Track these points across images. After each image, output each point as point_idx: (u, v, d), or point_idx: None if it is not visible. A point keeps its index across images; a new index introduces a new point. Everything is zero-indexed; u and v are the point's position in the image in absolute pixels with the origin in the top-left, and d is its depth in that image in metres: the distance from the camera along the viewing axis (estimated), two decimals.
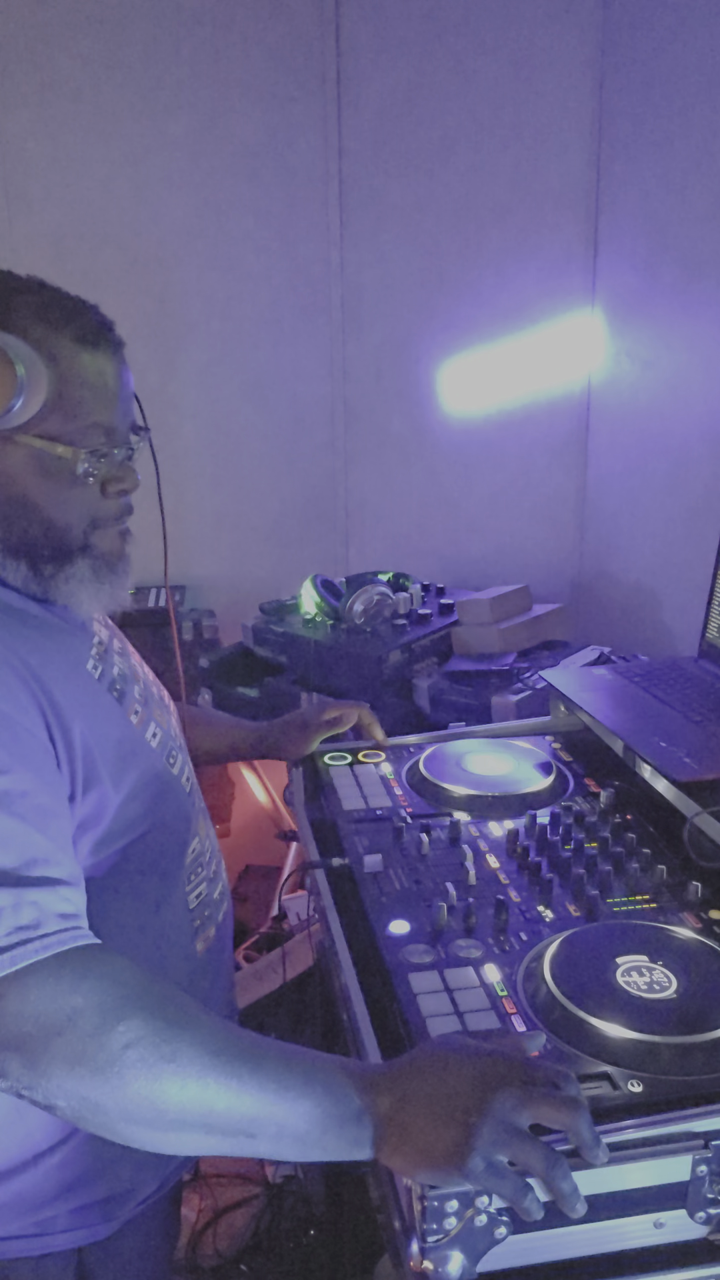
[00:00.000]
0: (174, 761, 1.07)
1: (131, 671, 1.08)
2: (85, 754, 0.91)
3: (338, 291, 2.65)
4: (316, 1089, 0.75)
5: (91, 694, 0.96)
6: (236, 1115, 0.75)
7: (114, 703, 0.99)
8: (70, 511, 0.94)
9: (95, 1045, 0.74)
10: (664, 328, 2.25)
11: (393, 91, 2.51)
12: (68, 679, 0.93)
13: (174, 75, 2.47)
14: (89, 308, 0.97)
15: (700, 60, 2.02)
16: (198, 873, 1.08)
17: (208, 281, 2.61)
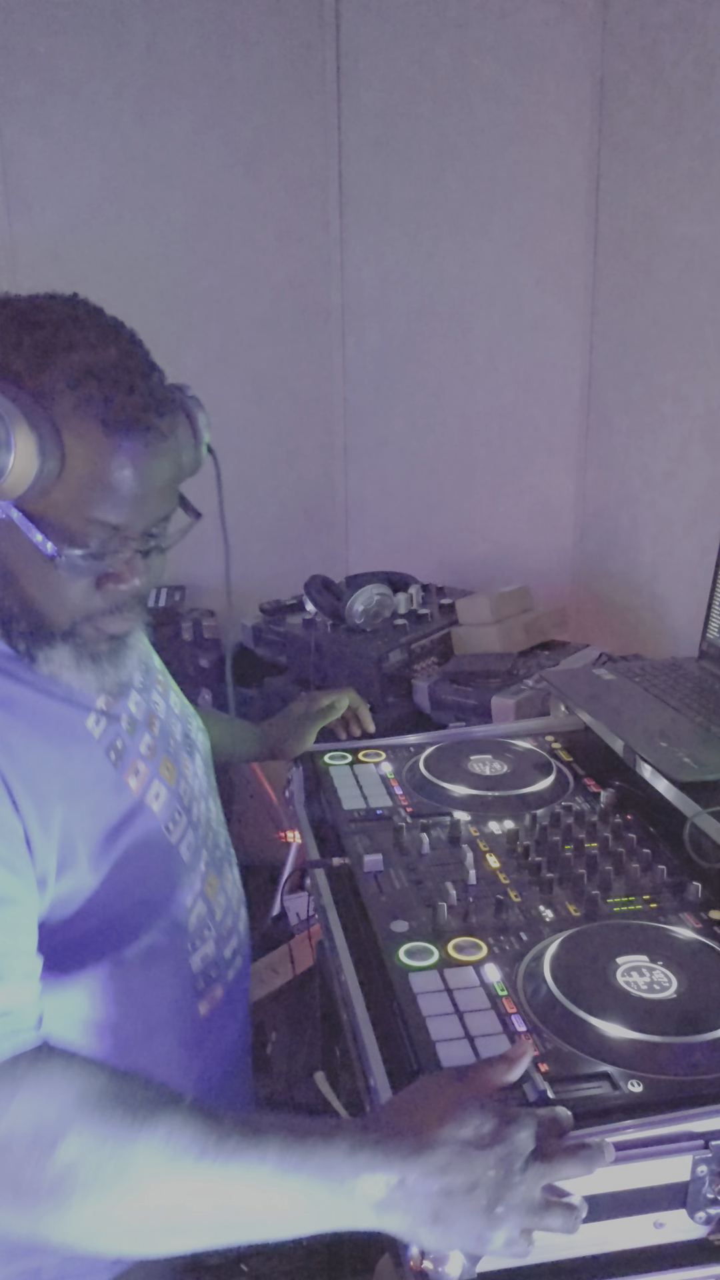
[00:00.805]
0: (176, 824, 0.98)
1: (148, 714, 1.00)
2: (64, 837, 0.84)
3: (338, 291, 2.65)
4: (302, 1181, 0.67)
5: (84, 762, 0.89)
6: (205, 1218, 0.68)
7: (109, 768, 0.91)
8: (51, 599, 0.84)
9: (31, 1174, 0.66)
10: (664, 328, 2.25)
11: (393, 91, 2.51)
12: (54, 750, 0.86)
13: (174, 75, 2.47)
14: (146, 382, 0.84)
15: (700, 60, 2.02)
16: (203, 935, 1.00)
17: (208, 282, 2.61)
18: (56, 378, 0.79)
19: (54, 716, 0.88)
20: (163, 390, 0.86)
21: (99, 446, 0.80)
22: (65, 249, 2.51)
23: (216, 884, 1.04)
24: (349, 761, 1.45)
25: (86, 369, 0.80)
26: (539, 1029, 0.86)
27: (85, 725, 0.91)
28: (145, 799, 0.94)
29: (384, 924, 1.02)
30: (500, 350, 2.65)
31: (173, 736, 1.04)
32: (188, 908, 0.98)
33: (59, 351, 0.80)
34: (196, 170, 2.54)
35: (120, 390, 0.81)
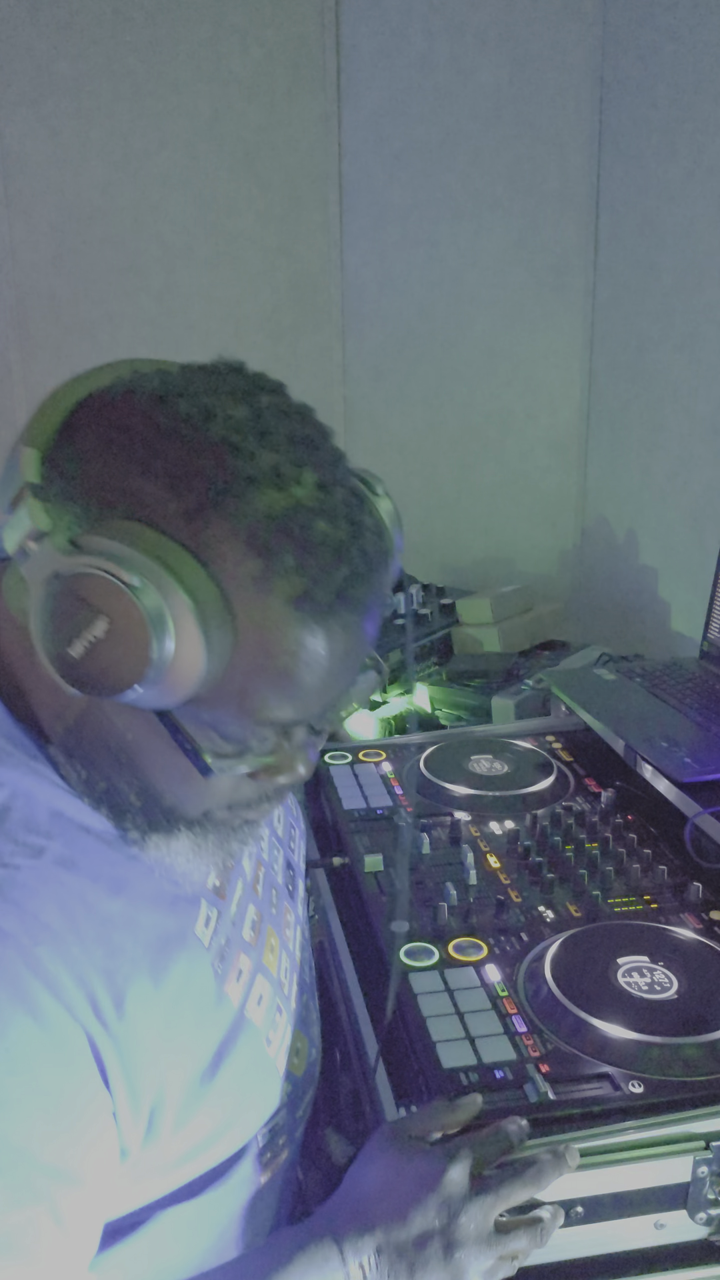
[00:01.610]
0: (276, 1027, 0.79)
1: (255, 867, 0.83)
2: (156, 1102, 0.67)
3: (338, 292, 2.64)
4: None
5: (186, 985, 0.70)
6: None
7: (212, 982, 0.73)
8: (187, 796, 0.66)
9: None
10: (663, 328, 2.25)
11: (393, 91, 2.51)
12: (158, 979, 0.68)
13: (174, 75, 2.47)
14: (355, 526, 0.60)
15: (701, 59, 2.02)
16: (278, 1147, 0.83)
17: (208, 282, 2.61)
18: (230, 531, 0.56)
19: (161, 927, 0.70)
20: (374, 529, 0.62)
21: (286, 634, 0.58)
22: (65, 249, 2.50)
23: (304, 1046, 0.85)
24: (349, 761, 1.45)
25: (275, 518, 0.56)
26: (540, 1029, 0.86)
27: (195, 931, 0.72)
28: (246, 1009, 0.75)
29: (384, 924, 1.02)
30: (500, 350, 2.65)
31: (275, 884, 0.86)
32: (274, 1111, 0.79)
33: (235, 486, 0.56)
34: (196, 170, 2.54)
35: (324, 551, 0.58)
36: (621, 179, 2.38)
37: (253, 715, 0.60)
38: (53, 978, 0.61)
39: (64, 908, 0.63)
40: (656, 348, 2.29)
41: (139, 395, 0.59)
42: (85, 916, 0.64)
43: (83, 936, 0.63)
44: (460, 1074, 0.81)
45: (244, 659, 0.57)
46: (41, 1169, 0.59)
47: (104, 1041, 0.63)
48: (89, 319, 2.55)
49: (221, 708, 0.59)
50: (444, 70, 2.48)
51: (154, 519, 0.56)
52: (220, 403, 0.59)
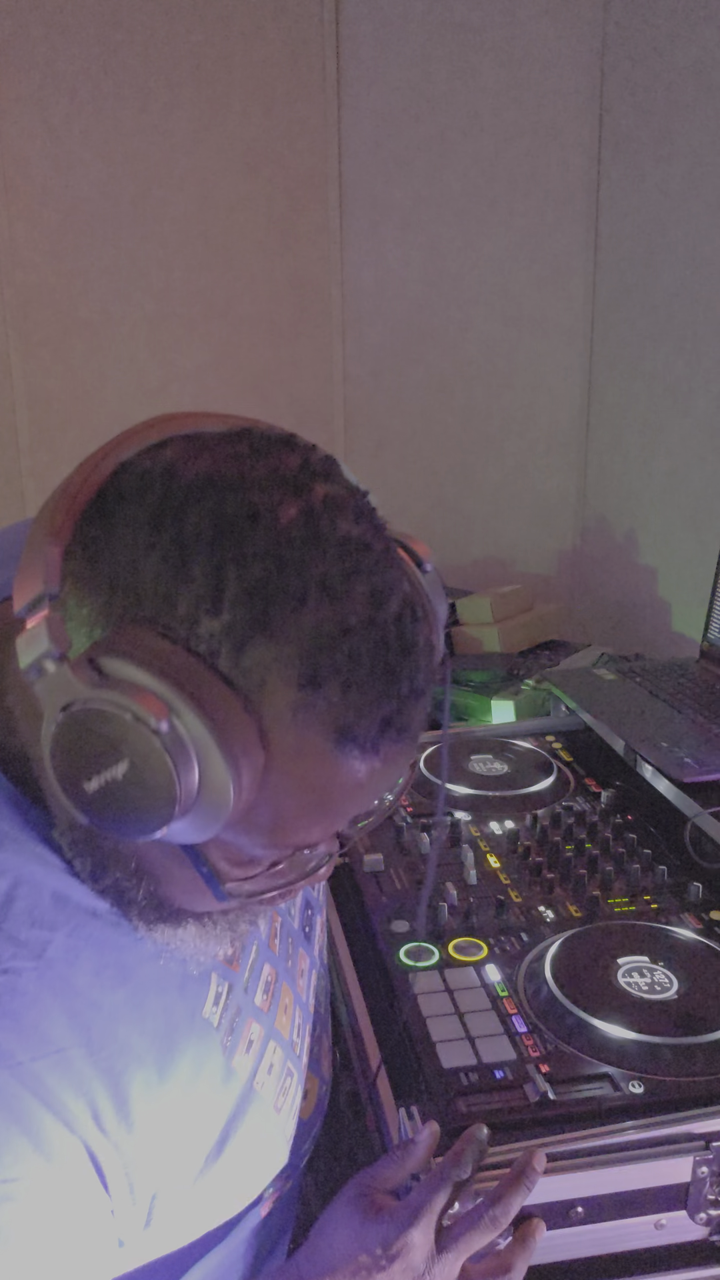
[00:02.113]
0: (285, 1092, 0.76)
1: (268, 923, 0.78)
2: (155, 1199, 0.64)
3: (338, 292, 2.64)
4: None
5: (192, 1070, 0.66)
6: None
7: (220, 1060, 0.69)
8: (200, 901, 0.61)
9: None
10: (663, 328, 2.25)
11: (393, 91, 2.51)
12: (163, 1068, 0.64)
13: (174, 75, 2.47)
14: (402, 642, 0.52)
15: (701, 59, 2.02)
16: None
17: (208, 282, 2.61)
18: (272, 657, 0.49)
19: (168, 1013, 0.66)
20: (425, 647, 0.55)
21: (325, 767, 0.52)
22: (65, 249, 2.50)
23: (315, 1087, 0.82)
24: None
25: (322, 644, 0.50)
26: (540, 1029, 0.86)
27: (204, 1013, 0.68)
28: (255, 1080, 0.72)
29: (384, 925, 1.02)
30: (500, 350, 2.65)
31: (291, 932, 0.81)
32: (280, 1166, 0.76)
33: (280, 605, 0.49)
34: (196, 170, 2.54)
35: (374, 682, 0.51)
36: (621, 179, 2.38)
37: (280, 843, 0.56)
38: (52, 1095, 0.58)
39: (67, 1011, 0.60)
40: (656, 348, 2.29)
41: (178, 482, 0.51)
42: (89, 1016, 0.61)
43: (87, 1039, 0.60)
44: (460, 1074, 0.81)
45: (276, 793, 0.51)
46: None
47: (104, 1149, 0.60)
48: (89, 319, 2.55)
49: (246, 835, 0.54)
50: (444, 70, 2.48)
51: (187, 637, 0.49)
52: (269, 499, 0.51)
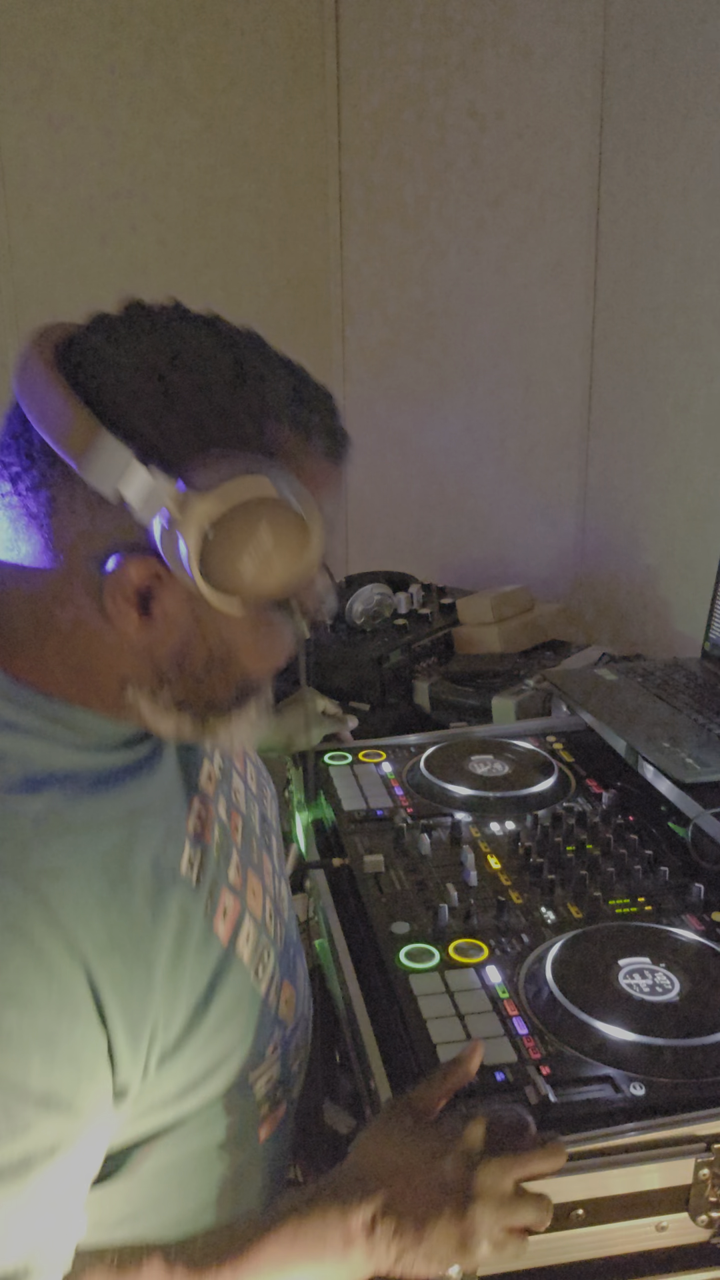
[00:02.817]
0: (264, 965, 0.82)
1: (230, 813, 0.86)
2: (152, 1033, 0.69)
3: (338, 291, 2.64)
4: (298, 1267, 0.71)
5: (178, 923, 0.72)
6: None
7: (201, 919, 0.75)
8: (268, 666, 0.75)
9: None
10: (664, 327, 2.25)
11: (393, 89, 2.50)
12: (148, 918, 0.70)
13: (174, 74, 2.47)
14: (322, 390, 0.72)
15: (701, 58, 2.02)
16: (271, 1058, 0.82)
17: (208, 281, 2.61)
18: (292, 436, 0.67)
19: (155, 866, 0.72)
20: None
21: (330, 483, 0.71)
22: (65, 248, 2.50)
23: (292, 996, 0.86)
24: (349, 761, 1.44)
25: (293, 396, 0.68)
26: (541, 1031, 0.85)
27: (180, 871, 0.75)
28: (236, 945, 0.78)
29: (384, 926, 1.02)
30: (501, 349, 2.65)
31: (254, 834, 0.89)
32: (265, 1051, 0.80)
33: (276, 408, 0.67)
34: (196, 169, 2.54)
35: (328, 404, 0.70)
36: (621, 179, 2.38)
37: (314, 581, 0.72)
38: (55, 913, 0.63)
39: (66, 846, 0.66)
40: (657, 347, 2.29)
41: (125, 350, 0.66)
42: (89, 852, 0.67)
43: (86, 873, 0.66)
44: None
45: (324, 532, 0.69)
46: (37, 1100, 0.61)
47: (102, 978, 0.65)
48: None
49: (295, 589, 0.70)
50: (444, 70, 2.48)
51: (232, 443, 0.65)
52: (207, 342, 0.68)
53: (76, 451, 0.62)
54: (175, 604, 0.67)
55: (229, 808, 0.86)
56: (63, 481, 0.64)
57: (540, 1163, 0.71)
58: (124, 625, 0.67)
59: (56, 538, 0.66)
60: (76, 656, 0.69)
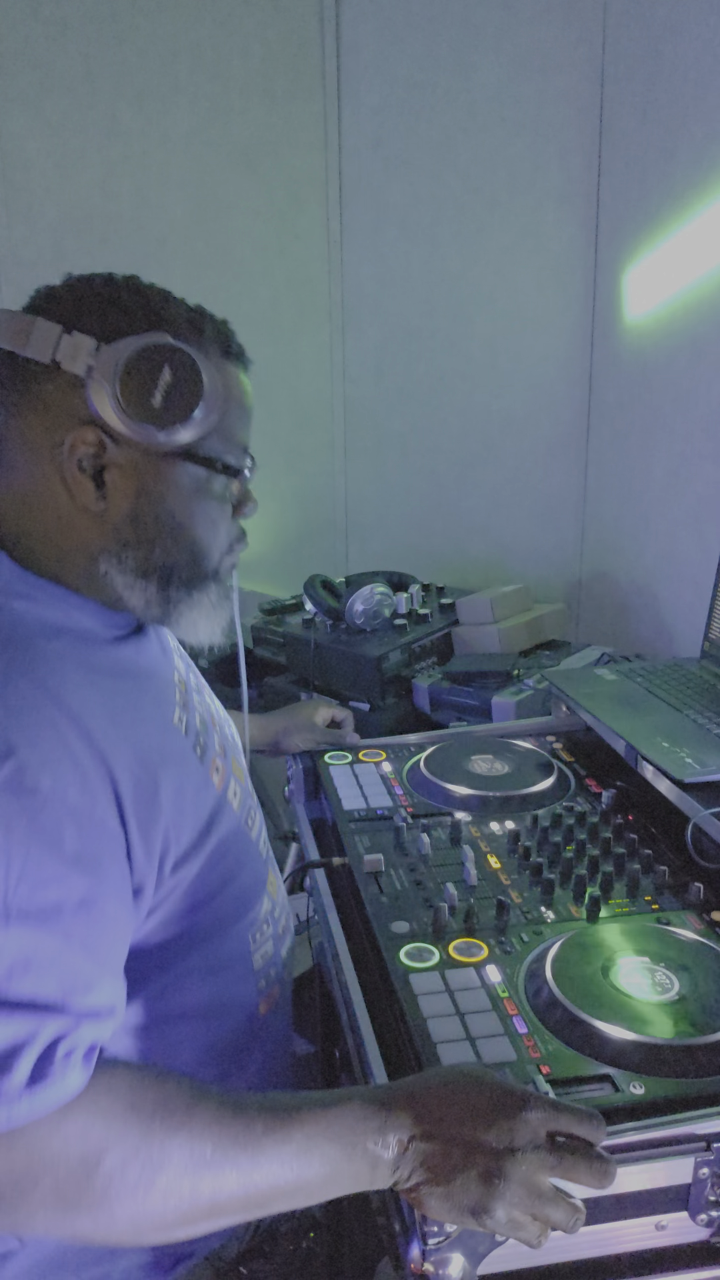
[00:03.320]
0: (252, 822, 1.00)
1: (209, 715, 1.00)
2: (164, 842, 0.82)
3: (338, 291, 2.64)
4: (320, 1147, 0.72)
5: (178, 758, 0.87)
6: (242, 1199, 0.72)
7: (197, 763, 0.90)
8: (217, 535, 0.90)
9: (76, 1189, 0.69)
10: (664, 327, 2.25)
11: (393, 90, 2.51)
12: (155, 745, 0.84)
13: (174, 74, 2.47)
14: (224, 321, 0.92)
15: (701, 59, 2.02)
16: (264, 931, 0.99)
17: (207, 281, 2.60)
18: (183, 325, 0.85)
19: (155, 699, 0.89)
20: None
21: (233, 374, 0.89)
22: (65, 248, 2.50)
23: (275, 882, 1.04)
24: (349, 761, 1.44)
25: (193, 315, 0.87)
26: (540, 1030, 0.85)
27: (173, 721, 0.90)
28: (226, 795, 0.94)
29: (384, 925, 1.02)
30: (501, 349, 2.65)
31: (228, 740, 1.04)
32: (258, 905, 0.97)
33: (166, 303, 0.86)
34: (196, 169, 2.54)
35: (222, 327, 0.90)
36: (621, 179, 2.38)
37: (233, 439, 0.88)
38: (79, 716, 0.76)
39: (84, 679, 0.79)
40: (657, 347, 2.29)
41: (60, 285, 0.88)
42: (103, 685, 0.81)
43: (102, 699, 0.80)
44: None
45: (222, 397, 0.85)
46: (69, 858, 0.72)
47: (122, 781, 0.77)
48: None
49: (218, 438, 0.87)
50: (444, 70, 2.48)
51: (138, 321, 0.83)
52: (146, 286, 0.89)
53: (20, 339, 0.81)
54: (121, 474, 0.84)
55: (207, 712, 1.00)
56: (18, 379, 0.82)
57: (584, 1174, 0.69)
58: (84, 499, 0.83)
59: (24, 437, 0.83)
60: (62, 540, 0.84)
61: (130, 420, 0.81)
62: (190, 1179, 0.70)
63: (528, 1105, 0.71)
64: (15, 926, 0.68)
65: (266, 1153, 0.71)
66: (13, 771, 0.70)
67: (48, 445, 0.82)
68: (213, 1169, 0.70)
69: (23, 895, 0.69)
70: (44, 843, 0.70)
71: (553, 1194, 0.70)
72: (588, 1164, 0.69)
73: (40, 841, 0.70)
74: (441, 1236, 0.71)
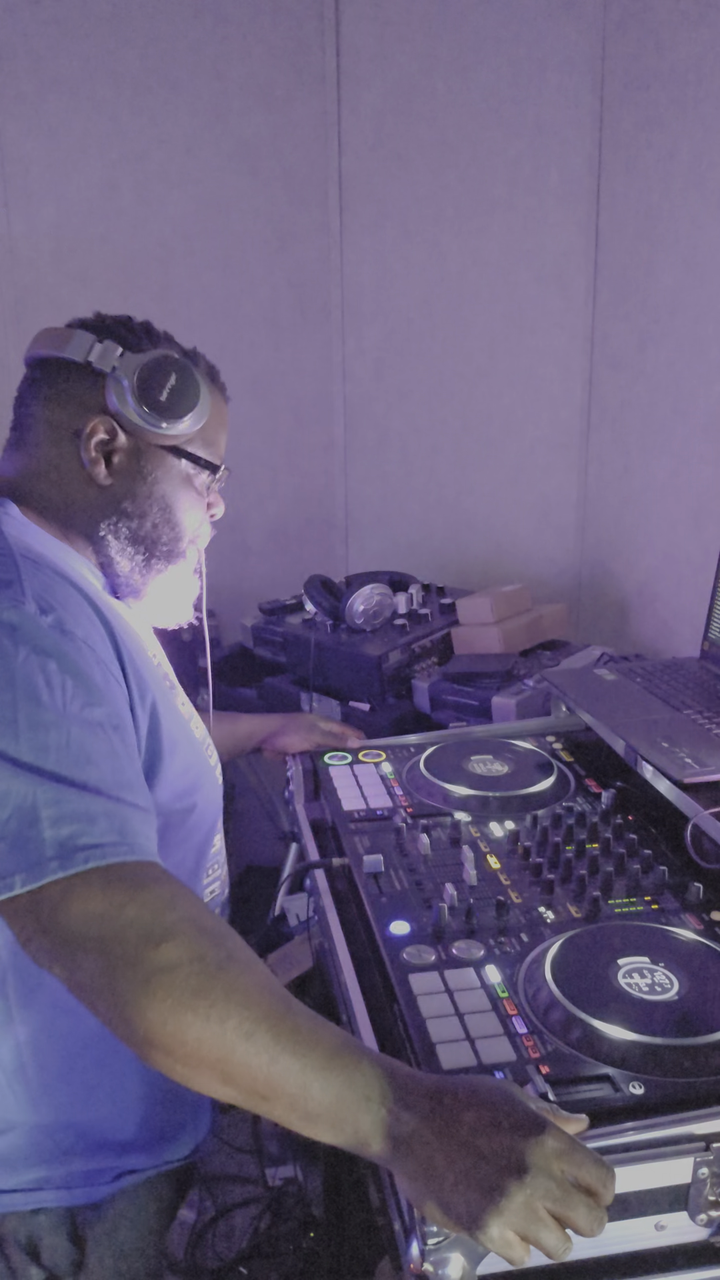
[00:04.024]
0: (210, 754, 1.14)
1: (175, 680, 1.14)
2: (152, 720, 0.97)
3: (338, 291, 2.64)
4: (336, 1077, 0.72)
5: (155, 677, 1.02)
6: (250, 1074, 0.73)
7: (167, 692, 1.05)
8: (193, 522, 1.10)
9: (133, 962, 0.74)
10: (664, 327, 2.25)
11: (393, 90, 2.51)
12: (139, 657, 1.00)
13: (174, 75, 2.47)
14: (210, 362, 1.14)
15: (701, 59, 2.02)
16: (213, 870, 1.12)
17: (208, 281, 2.61)
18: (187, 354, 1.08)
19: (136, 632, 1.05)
20: None
21: (217, 398, 1.10)
22: (65, 248, 2.50)
23: (220, 840, 1.14)
24: (349, 761, 1.45)
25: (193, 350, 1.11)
26: (540, 1031, 0.86)
27: (149, 654, 1.06)
28: (191, 725, 1.10)
29: (384, 925, 1.02)
30: (500, 350, 2.65)
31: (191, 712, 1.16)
32: (213, 839, 1.11)
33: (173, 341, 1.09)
34: (196, 170, 2.54)
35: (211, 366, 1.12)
36: (621, 179, 2.38)
37: (214, 449, 1.10)
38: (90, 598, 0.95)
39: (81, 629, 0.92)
40: (657, 348, 2.29)
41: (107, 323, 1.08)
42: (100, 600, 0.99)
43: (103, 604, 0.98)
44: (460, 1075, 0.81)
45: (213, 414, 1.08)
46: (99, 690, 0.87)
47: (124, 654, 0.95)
48: None
49: (202, 445, 1.08)
50: (444, 70, 2.48)
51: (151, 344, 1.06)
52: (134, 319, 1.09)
53: (60, 345, 1.02)
54: (126, 458, 1.04)
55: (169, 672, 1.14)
56: (53, 378, 1.03)
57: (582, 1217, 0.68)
58: (97, 474, 1.02)
59: (50, 423, 1.03)
60: (71, 507, 1.03)
61: (141, 410, 1.01)
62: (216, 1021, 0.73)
63: (547, 1133, 0.69)
64: (75, 729, 0.83)
65: (287, 1047, 0.73)
66: (56, 620, 0.88)
67: (69, 430, 1.02)
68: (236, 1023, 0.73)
69: (76, 707, 0.84)
70: (83, 672, 0.86)
71: (549, 1220, 0.68)
72: (587, 1209, 0.68)
73: (81, 671, 0.86)
74: (441, 1237, 0.71)
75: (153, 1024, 0.73)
